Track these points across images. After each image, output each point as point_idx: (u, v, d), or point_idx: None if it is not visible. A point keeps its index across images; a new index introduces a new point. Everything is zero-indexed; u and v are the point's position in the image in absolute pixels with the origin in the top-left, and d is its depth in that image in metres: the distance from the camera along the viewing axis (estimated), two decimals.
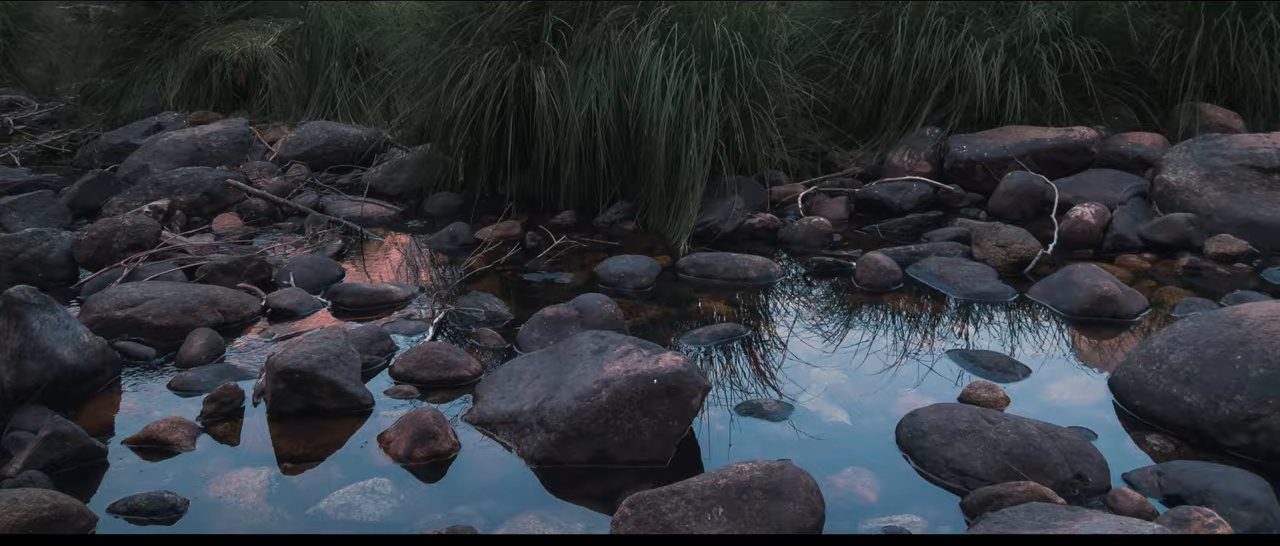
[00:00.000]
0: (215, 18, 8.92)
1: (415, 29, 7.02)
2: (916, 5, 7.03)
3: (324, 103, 8.20)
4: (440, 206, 6.46)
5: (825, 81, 6.88)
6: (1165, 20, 6.99)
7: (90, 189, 6.45)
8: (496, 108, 6.11)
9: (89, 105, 8.79)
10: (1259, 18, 6.77)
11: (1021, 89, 6.63)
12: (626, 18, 6.20)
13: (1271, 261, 5.34)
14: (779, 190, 6.39)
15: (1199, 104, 6.76)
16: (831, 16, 7.39)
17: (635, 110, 5.91)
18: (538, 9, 6.36)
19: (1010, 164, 6.36)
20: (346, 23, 8.59)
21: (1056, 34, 6.79)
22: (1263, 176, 5.69)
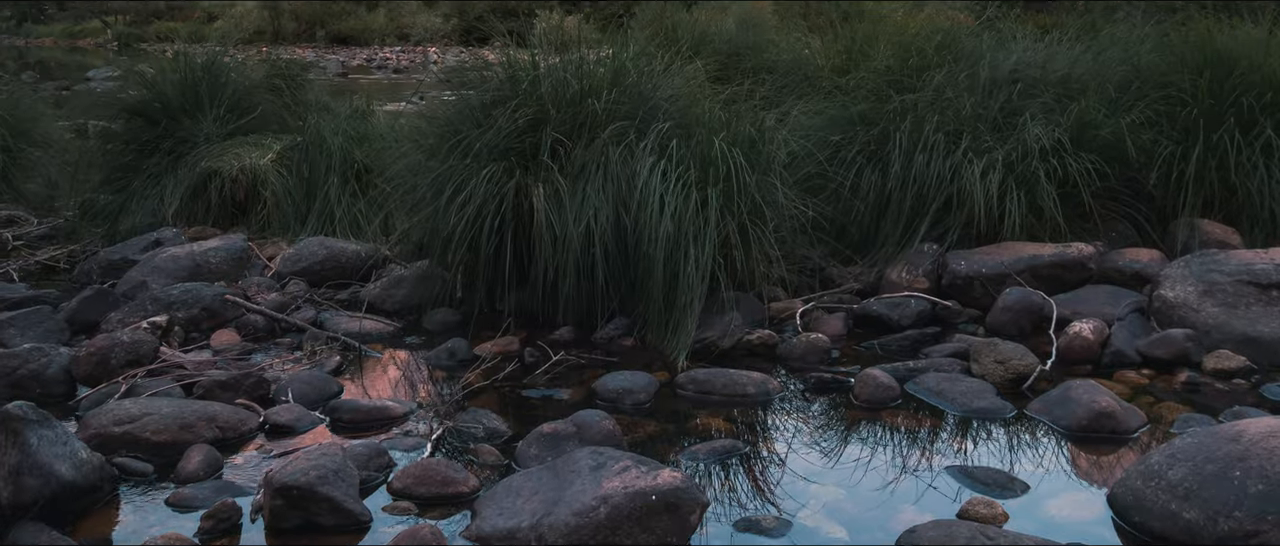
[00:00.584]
0: (214, 134, 8.97)
1: (414, 145, 7.06)
2: (914, 121, 7.08)
3: (322, 218, 8.22)
4: (438, 322, 6.45)
5: (823, 197, 6.90)
6: (1163, 136, 7.05)
7: (88, 305, 6.45)
8: (495, 223, 6.12)
9: (88, 221, 8.81)
10: (1257, 133, 6.82)
11: (1019, 205, 6.66)
12: (625, 134, 6.24)
13: (1270, 377, 5.34)
14: (777, 306, 6.39)
15: (1196, 219, 6.80)
16: (830, 133, 7.44)
17: (634, 226, 5.92)
18: (536, 125, 6.40)
19: (1008, 280, 6.37)
20: (345, 139, 8.64)
21: (1054, 150, 6.84)
22: (1260, 292, 5.70)
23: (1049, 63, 7.81)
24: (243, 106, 9.46)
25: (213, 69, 9.57)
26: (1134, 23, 9.45)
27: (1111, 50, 8.14)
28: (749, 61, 9.85)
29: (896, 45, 8.28)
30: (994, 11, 10.38)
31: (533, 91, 6.54)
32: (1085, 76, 7.68)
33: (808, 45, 10.44)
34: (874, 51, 8.49)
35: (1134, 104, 7.25)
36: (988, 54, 7.84)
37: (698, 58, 7.89)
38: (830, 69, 9.06)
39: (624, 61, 6.82)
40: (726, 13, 12.84)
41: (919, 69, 7.70)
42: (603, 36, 8.81)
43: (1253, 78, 7.02)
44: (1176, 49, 7.64)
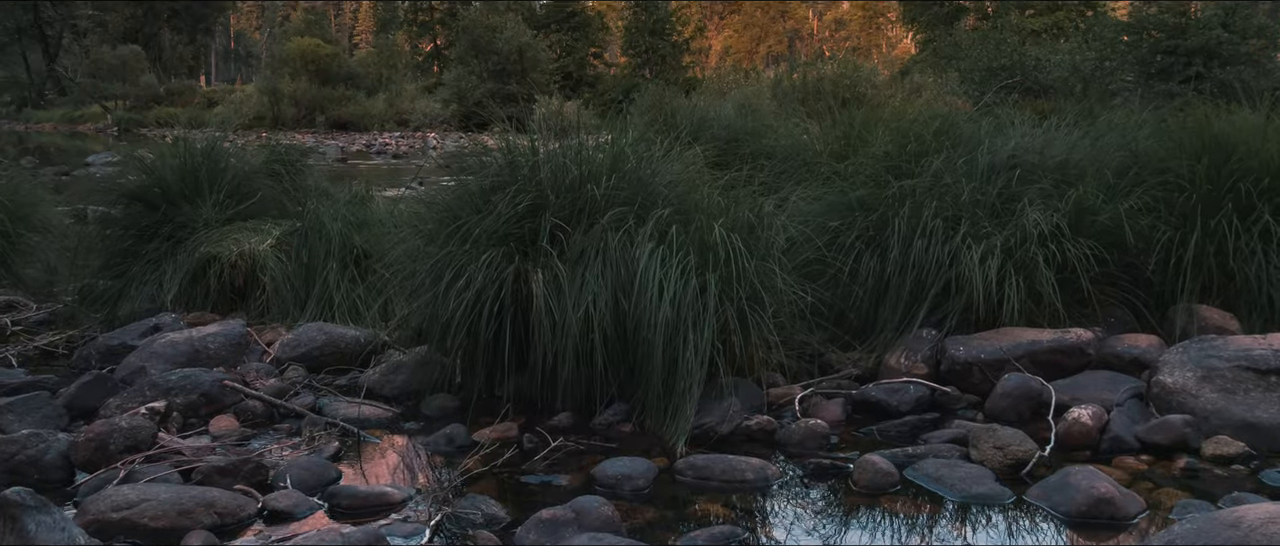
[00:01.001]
0: (213, 219, 8.99)
1: (413, 231, 7.08)
2: (913, 207, 7.10)
3: (321, 304, 8.22)
4: (437, 408, 6.44)
5: (822, 283, 6.91)
6: (1161, 222, 7.06)
7: (87, 390, 6.43)
8: (494, 309, 6.12)
9: (86, 306, 8.81)
10: (1255, 219, 6.84)
11: (1018, 290, 6.66)
12: (624, 219, 6.25)
13: (1269, 463, 5.32)
14: (776, 392, 6.38)
15: (1195, 305, 6.80)
16: (829, 218, 7.46)
17: (633, 311, 5.92)
18: (535, 211, 6.42)
19: (1007, 365, 6.36)
20: (344, 224, 8.66)
21: (1053, 235, 6.85)
22: (1259, 378, 5.70)
23: (1047, 148, 7.84)
24: (242, 192, 9.49)
25: (212, 154, 9.60)
26: (1132, 109, 9.51)
27: (1109, 136, 8.18)
28: (748, 147, 9.90)
29: (895, 131, 8.33)
30: (992, 97, 10.44)
31: (532, 177, 6.56)
32: (1083, 162, 7.71)
33: (806, 131, 10.50)
34: (872, 137, 8.54)
35: (1132, 189, 7.27)
36: (986, 140, 7.88)
37: (697, 143, 7.94)
38: (829, 154, 9.11)
39: (623, 147, 6.85)
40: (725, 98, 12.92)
41: (917, 154, 7.74)
42: (602, 122, 8.86)
43: (1250, 163, 7.05)
44: (1174, 135, 7.67)
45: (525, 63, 53.20)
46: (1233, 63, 24.86)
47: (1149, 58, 26.16)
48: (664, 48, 65.09)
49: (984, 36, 40.83)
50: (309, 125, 52.60)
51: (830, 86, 29.20)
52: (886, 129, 8.51)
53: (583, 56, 67.05)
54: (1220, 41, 24.91)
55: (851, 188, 7.75)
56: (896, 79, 36.25)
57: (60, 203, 11.65)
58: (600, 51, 71.10)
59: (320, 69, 58.46)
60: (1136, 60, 26.75)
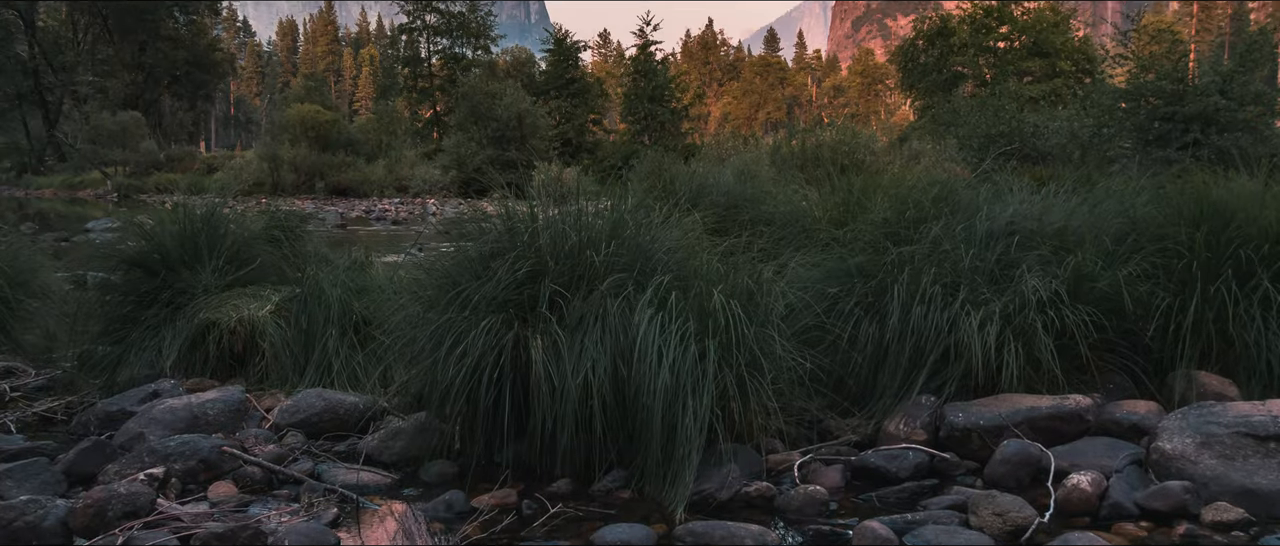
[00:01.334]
0: (213, 285, 9.00)
1: (412, 297, 7.09)
2: (912, 273, 7.12)
3: (320, 370, 8.22)
4: (436, 474, 6.42)
5: (821, 349, 6.91)
6: (1160, 288, 7.08)
7: (85, 457, 6.42)
8: (493, 375, 6.13)
9: (85, 372, 8.81)
10: (1254, 285, 6.85)
11: (1017, 356, 6.66)
12: (623, 286, 6.27)
13: (1268, 529, 5.30)
14: (775, 458, 6.37)
15: (1194, 371, 6.80)
16: (827, 285, 7.48)
17: (632, 378, 5.93)
18: (535, 277, 6.43)
19: (1006, 432, 6.35)
20: (344, 290, 8.67)
21: (1052, 302, 6.86)
22: (1258, 444, 5.69)
23: (1045, 215, 7.86)
24: (242, 258, 9.51)
25: (212, 221, 9.62)
26: (1130, 175, 9.55)
27: (1108, 202, 8.21)
28: (747, 213, 9.92)
29: (893, 197, 8.36)
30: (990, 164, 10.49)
31: (531, 243, 6.58)
32: (1082, 228, 7.73)
33: (805, 197, 10.53)
34: (871, 203, 8.56)
35: (1131, 256, 7.29)
36: (984, 206, 7.90)
37: (696, 209, 7.96)
38: (828, 221, 9.13)
39: (622, 213, 6.88)
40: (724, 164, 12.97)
41: (916, 221, 7.76)
42: (601, 188, 8.90)
43: (1249, 230, 7.07)
44: (1173, 201, 7.70)
45: (525, 129, 53.38)
46: (1230, 129, 24.95)
47: (1147, 124, 26.26)
48: (663, 114, 65.35)
49: (982, 103, 41.07)
50: (309, 191, 52.75)
51: (829, 153, 29.29)
52: (885, 195, 8.54)
53: (582, 123, 67.30)
54: (1218, 108, 25.01)
55: (850, 254, 7.77)
56: (895, 145, 36.39)
57: (60, 269, 11.67)
58: (599, 118, 71.38)
59: (320, 135, 58.65)
60: (1134, 127, 26.85)
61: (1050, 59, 53.26)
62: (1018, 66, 53.70)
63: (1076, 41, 54.91)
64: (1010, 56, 54.61)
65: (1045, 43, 53.28)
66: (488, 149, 52.17)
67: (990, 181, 8.69)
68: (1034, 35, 53.78)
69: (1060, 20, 54.48)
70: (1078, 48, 54.19)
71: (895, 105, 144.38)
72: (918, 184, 8.54)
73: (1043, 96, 49.70)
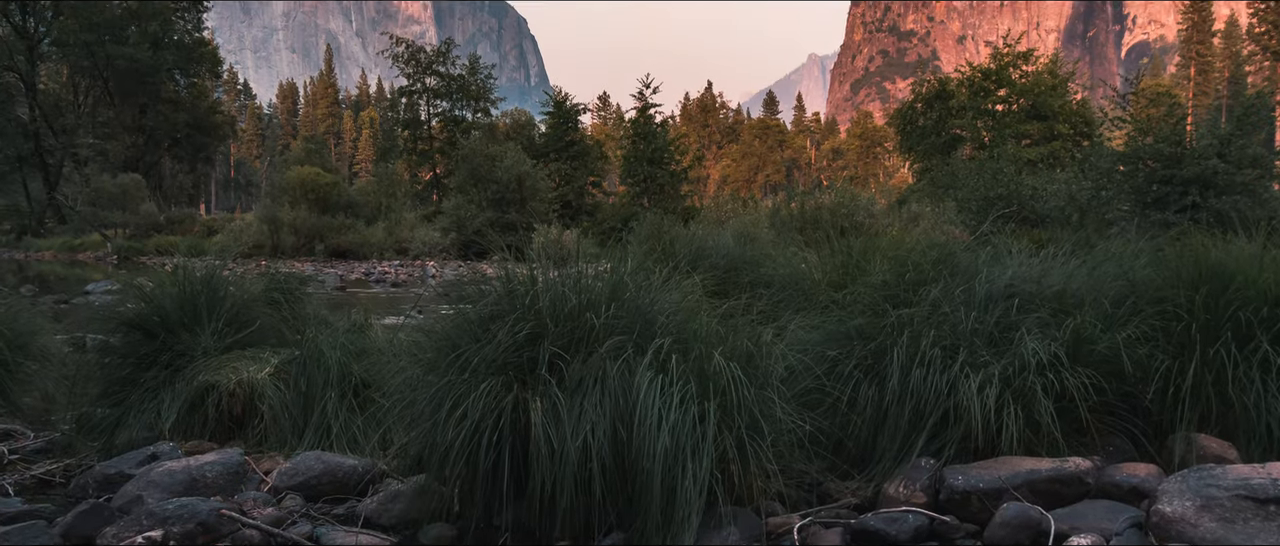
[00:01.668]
0: (212, 347, 9.00)
1: (412, 360, 7.09)
2: (911, 336, 7.12)
3: (320, 433, 8.21)
4: (435, 537, 6.40)
5: (821, 411, 6.91)
6: (1159, 351, 7.08)
7: (84, 520, 6.40)
8: (493, 438, 6.12)
9: (84, 435, 8.79)
10: (1253, 348, 6.85)
11: (1017, 419, 6.65)
12: (623, 348, 6.27)
13: None
14: (774, 521, 6.35)
15: (1194, 434, 6.79)
16: (827, 347, 7.48)
17: (631, 440, 5.92)
18: (534, 339, 6.43)
19: (1006, 495, 6.34)
20: (343, 353, 8.67)
21: (1051, 364, 6.86)
22: (1258, 507, 5.67)
23: (1044, 277, 7.87)
24: (241, 320, 9.51)
25: (211, 283, 9.63)
26: (1128, 238, 9.57)
27: (1106, 265, 8.22)
28: (746, 275, 9.94)
29: (893, 260, 8.37)
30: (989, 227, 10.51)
31: (531, 306, 6.59)
32: (1081, 291, 7.74)
33: (804, 260, 10.54)
34: (870, 266, 8.58)
35: (1130, 318, 7.30)
36: (983, 269, 7.91)
37: (695, 272, 7.98)
38: (827, 283, 9.14)
39: (622, 276, 6.89)
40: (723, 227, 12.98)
41: (915, 283, 7.77)
42: (601, 251, 8.92)
43: (1248, 292, 7.08)
44: (1171, 264, 7.71)
45: (524, 191, 53.52)
46: (1229, 192, 25.01)
47: (1145, 187, 26.32)
48: (662, 176, 65.53)
49: (981, 166, 41.16)
50: (308, 253, 52.82)
51: (828, 215, 29.37)
52: (884, 258, 8.55)
53: (582, 185, 67.51)
54: (1216, 171, 25.08)
55: (850, 316, 7.77)
56: (894, 208, 36.49)
57: (59, 331, 11.67)
58: (599, 180, 71.59)
59: (320, 197, 58.84)
60: (1133, 190, 26.90)
61: (1048, 122, 53.45)
62: (1016, 129, 53.87)
63: (1074, 104, 55.13)
64: (1008, 119, 54.81)
65: (1043, 106, 53.50)
66: (487, 211, 52.28)
67: (989, 244, 8.71)
68: (1032, 98, 54.00)
69: (1058, 83, 54.72)
70: (1076, 111, 54.40)
71: (894, 168, 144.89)
72: (917, 246, 8.56)
73: (1041, 159, 49.87)
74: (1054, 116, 53.46)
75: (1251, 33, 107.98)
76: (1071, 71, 58.23)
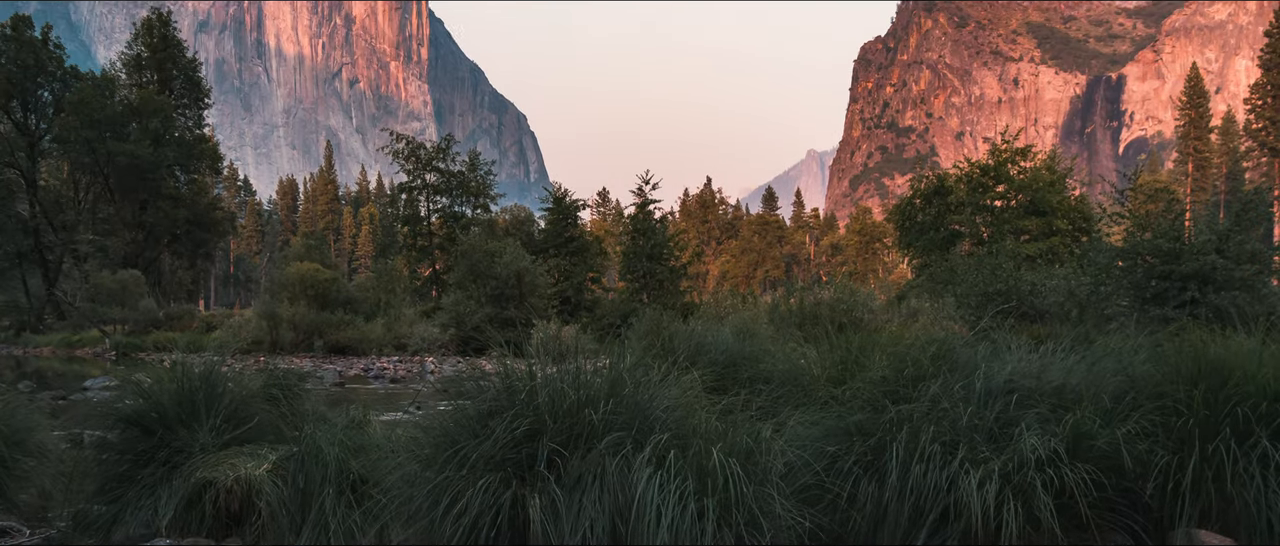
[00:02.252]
0: (210, 444, 8.97)
1: (410, 456, 7.07)
2: (911, 432, 7.10)
3: (318, 529, 8.16)
4: None
5: (820, 508, 6.87)
6: (1159, 447, 7.06)
7: None
8: (491, 535, 6.09)
9: (81, 532, 8.74)
10: (1253, 443, 6.84)
11: (1017, 516, 6.62)
12: (622, 444, 6.25)
13: None
14: None
15: (1194, 530, 6.75)
16: (826, 443, 7.45)
17: (630, 538, 5.89)
18: (533, 436, 6.42)
19: None
20: (342, 449, 8.64)
21: (1051, 460, 6.84)
22: None
23: (1044, 373, 7.87)
24: (239, 416, 9.49)
25: (210, 379, 9.62)
26: (1127, 333, 9.55)
27: (1106, 360, 8.22)
28: (745, 371, 9.93)
29: (892, 356, 8.37)
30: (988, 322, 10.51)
31: (530, 402, 6.58)
32: (1080, 386, 7.73)
33: (803, 355, 10.54)
34: (869, 362, 8.57)
35: (1129, 414, 7.28)
36: (983, 364, 7.90)
37: (694, 367, 7.97)
38: (826, 379, 9.13)
39: (621, 372, 6.89)
40: (723, 323, 12.99)
41: (915, 379, 7.76)
42: (600, 346, 8.91)
43: (1247, 388, 7.07)
44: (1170, 359, 7.71)
45: (523, 287, 53.50)
46: (1227, 288, 25.02)
47: (1144, 283, 26.34)
48: (661, 272, 65.54)
49: (980, 262, 41.22)
50: (307, 349, 52.70)
51: (827, 311, 29.36)
52: (883, 353, 8.55)
53: (581, 281, 67.48)
54: (1214, 267, 25.11)
55: (849, 412, 7.76)
56: (893, 303, 36.48)
57: (56, 427, 11.63)
58: (598, 276, 71.57)
59: (319, 294, 58.82)
60: (1131, 285, 26.92)
61: (1047, 218, 53.54)
62: (1015, 225, 53.96)
63: (1073, 200, 55.25)
64: (1007, 215, 54.90)
65: (1042, 201, 53.60)
66: (487, 307, 52.22)
67: (988, 339, 8.71)
68: (1030, 194, 54.11)
69: (1056, 179, 54.87)
70: (1074, 206, 54.51)
71: (893, 263, 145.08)
72: (916, 342, 8.56)
73: (1040, 255, 49.91)
74: (1052, 212, 53.56)
75: (1248, 129, 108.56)
76: (1069, 167, 58.43)
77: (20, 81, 74.78)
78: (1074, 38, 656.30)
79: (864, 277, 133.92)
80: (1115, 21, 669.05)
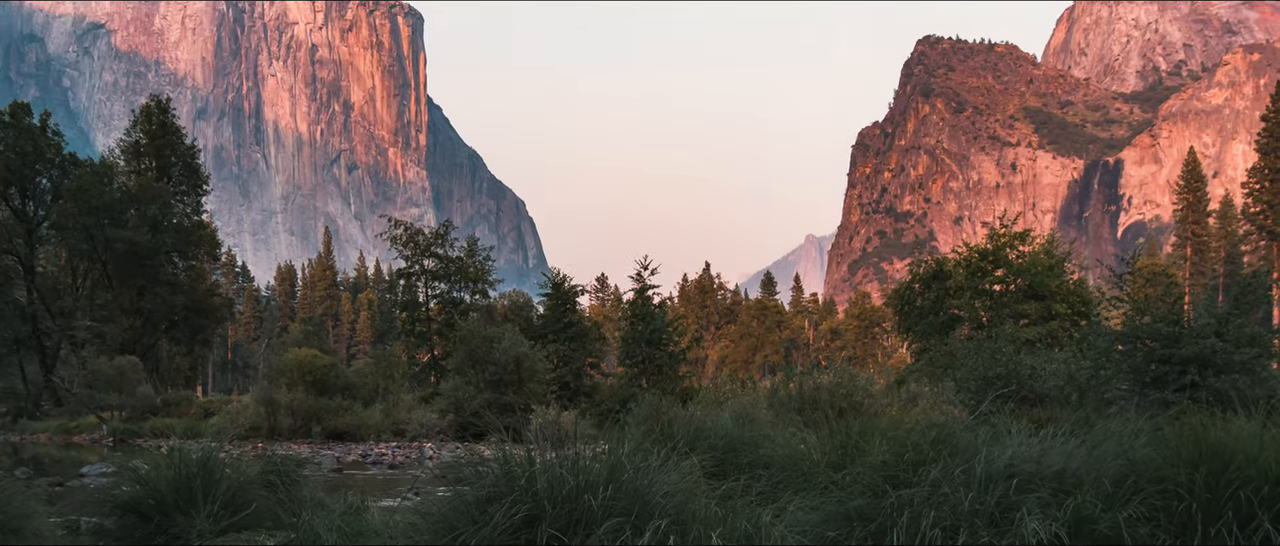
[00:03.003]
0: (208, 530, 8.94)
1: (408, 542, 7.03)
2: (911, 517, 7.07)
3: None
4: None
5: None
6: (1160, 530, 7.03)
7: None
8: None
9: None
10: (1254, 527, 6.81)
11: None
12: (621, 530, 6.23)
13: None
14: None
15: None
16: (827, 528, 7.42)
17: None
18: (531, 522, 6.39)
19: None
20: (340, 535, 8.59)
21: (1053, 544, 6.80)
22: None
23: (1044, 457, 7.85)
24: (237, 502, 9.46)
25: (207, 465, 9.60)
26: (1128, 417, 9.54)
27: (1106, 444, 8.20)
28: (745, 456, 9.91)
29: (892, 440, 8.35)
30: (988, 406, 10.50)
31: (529, 488, 6.56)
32: (1081, 471, 7.71)
33: (803, 440, 10.52)
34: (869, 446, 8.55)
35: (1130, 498, 7.26)
36: (983, 449, 7.88)
37: (694, 452, 7.96)
38: (826, 464, 9.11)
39: (620, 457, 6.87)
40: (722, 408, 12.99)
41: (915, 463, 7.74)
42: (599, 431, 8.90)
43: (1249, 471, 7.05)
44: (1171, 443, 7.69)
45: (522, 372, 53.36)
46: (1227, 371, 25.03)
47: (1144, 366, 26.34)
48: (661, 357, 65.42)
49: (979, 346, 41.18)
50: (305, 435, 52.50)
51: (827, 395, 29.29)
52: (884, 438, 8.53)
53: (580, 366, 67.36)
54: (1214, 350, 25.13)
55: (849, 497, 7.73)
56: (893, 388, 36.44)
57: (53, 514, 11.58)
58: (597, 361, 71.47)
59: (317, 379, 58.64)
60: (1131, 369, 26.92)
61: (1046, 302, 53.58)
62: (1014, 309, 53.98)
63: (1072, 284, 55.35)
64: (1006, 299, 54.95)
65: (1041, 285, 53.67)
66: (485, 392, 52.08)
67: (988, 423, 8.69)
68: (1029, 278, 54.19)
69: (1055, 263, 54.98)
70: (1073, 290, 54.59)
71: (892, 347, 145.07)
72: (916, 426, 8.54)
73: (1039, 339, 49.90)
74: (1051, 296, 53.60)
75: (1246, 212, 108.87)
76: (1068, 251, 58.61)
77: (19, 168, 74.97)
78: (1071, 123, 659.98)
79: (863, 362, 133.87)
80: (1112, 106, 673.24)
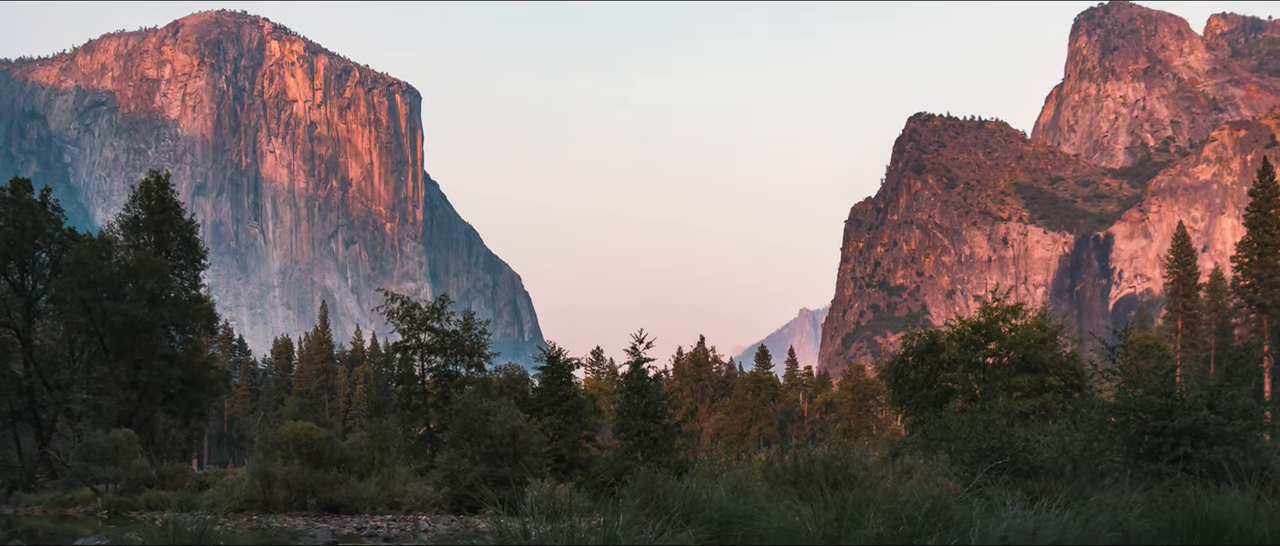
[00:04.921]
0: None
1: None
2: None
3: None
4: None
5: None
6: None
7: None
8: None
9: None
10: None
11: None
12: None
13: None
14: None
15: None
16: None
17: None
18: None
19: None
20: None
21: None
22: None
23: (1039, 529, 7.88)
24: None
25: (202, 538, 9.62)
26: (1122, 489, 9.57)
27: (1100, 516, 8.23)
28: (740, 529, 9.93)
29: (887, 512, 8.38)
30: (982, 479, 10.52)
31: None
32: (1075, 543, 7.73)
33: (798, 513, 10.54)
34: (864, 519, 8.58)
35: None
36: (978, 521, 7.92)
37: (689, 525, 7.99)
38: (821, 536, 9.13)
39: (615, 530, 6.91)
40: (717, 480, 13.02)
41: (910, 536, 7.77)
42: (594, 504, 8.91)
43: (1243, 542, 7.09)
44: (1165, 515, 7.73)
45: (518, 446, 53.27)
46: (1220, 443, 25.03)
47: (1137, 438, 26.35)
48: (656, 430, 65.25)
49: (973, 418, 41.12)
50: (301, 508, 52.32)
51: (821, 468, 29.21)
52: (878, 510, 8.57)
53: (575, 439, 67.19)
54: (1207, 422, 25.15)
55: None
56: (887, 460, 36.37)
57: None
58: (592, 434, 71.28)
59: (313, 452, 58.48)
60: (1125, 441, 26.92)
61: (1039, 374, 53.50)
62: (1007, 382, 53.87)
63: (1064, 357, 55.30)
64: (999, 372, 54.86)
65: (1033, 358, 53.62)
66: (481, 465, 51.96)
67: (983, 496, 8.73)
68: (1022, 351, 54.14)
69: (1047, 336, 54.96)
70: (1066, 363, 54.53)
71: (886, 420, 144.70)
72: (910, 499, 8.59)
73: (1033, 411, 49.78)
74: (1044, 369, 53.54)
75: (1237, 286, 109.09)
76: (1060, 324, 58.66)
77: (18, 243, 75.11)
78: (1062, 198, 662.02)
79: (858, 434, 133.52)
80: (1101, 182, 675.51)
